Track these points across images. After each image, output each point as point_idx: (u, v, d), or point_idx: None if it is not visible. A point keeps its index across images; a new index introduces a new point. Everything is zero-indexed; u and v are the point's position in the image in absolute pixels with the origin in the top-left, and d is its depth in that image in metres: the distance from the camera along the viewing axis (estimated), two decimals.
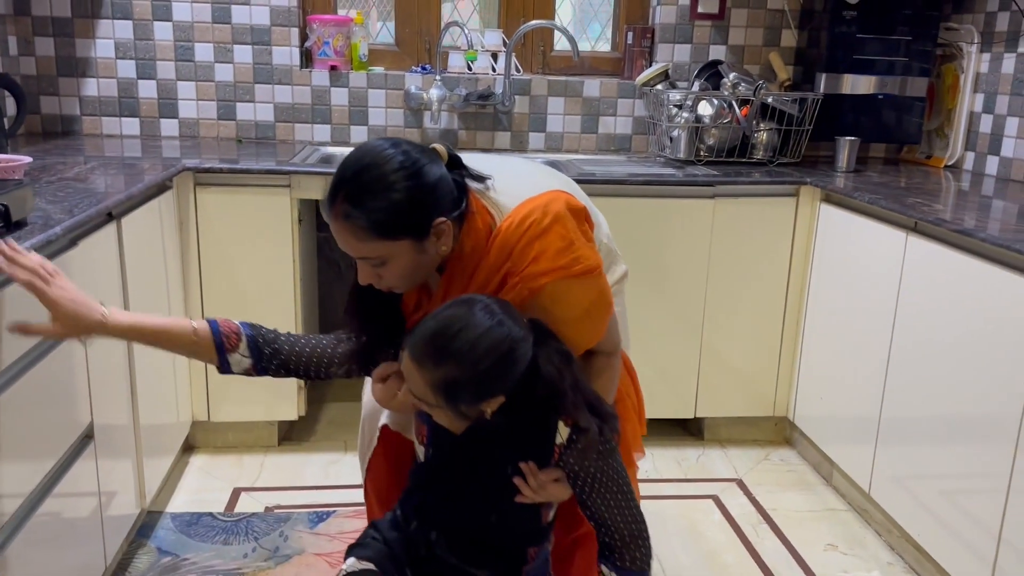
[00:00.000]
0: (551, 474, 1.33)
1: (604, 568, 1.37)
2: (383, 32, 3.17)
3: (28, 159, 1.81)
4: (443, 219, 1.28)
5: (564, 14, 3.24)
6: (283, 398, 2.61)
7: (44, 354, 1.53)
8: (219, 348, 1.39)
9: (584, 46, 3.24)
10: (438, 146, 1.33)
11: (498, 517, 1.36)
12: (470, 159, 1.40)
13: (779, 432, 2.88)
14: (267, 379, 1.50)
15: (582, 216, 1.36)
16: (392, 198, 1.23)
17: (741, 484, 2.59)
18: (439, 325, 1.22)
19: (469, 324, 1.21)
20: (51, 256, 1.53)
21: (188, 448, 2.66)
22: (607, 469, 1.33)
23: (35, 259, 1.31)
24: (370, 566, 1.35)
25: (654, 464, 2.70)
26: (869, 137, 2.99)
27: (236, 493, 2.43)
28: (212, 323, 1.40)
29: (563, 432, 1.32)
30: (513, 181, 1.40)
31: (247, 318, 2.33)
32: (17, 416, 1.41)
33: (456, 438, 1.33)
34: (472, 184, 1.35)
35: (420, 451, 1.42)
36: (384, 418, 1.60)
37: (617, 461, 1.35)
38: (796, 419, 2.74)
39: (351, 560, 1.38)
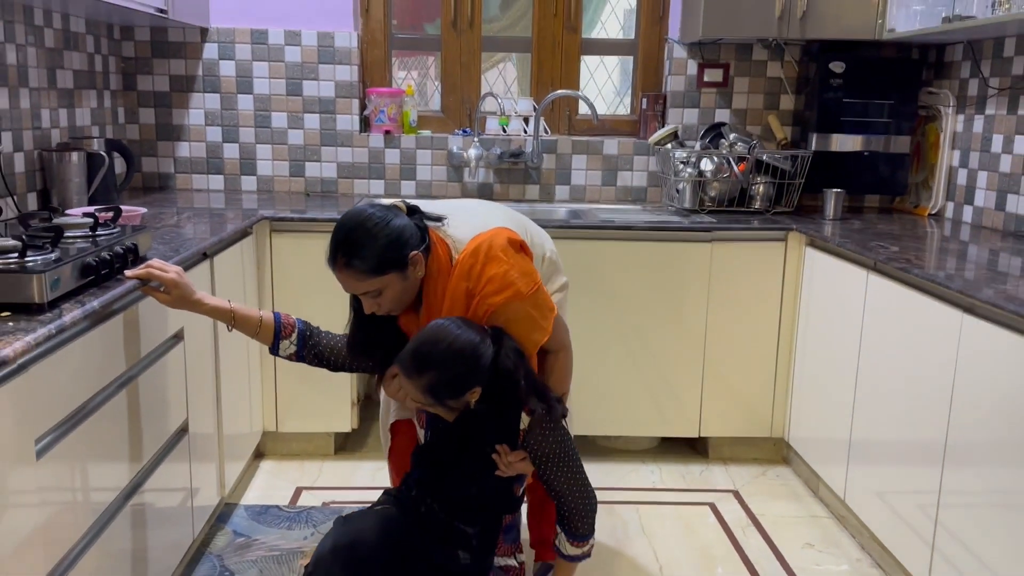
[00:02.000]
0: (518, 455, 1.77)
1: (559, 529, 1.84)
2: (434, 99, 3.66)
3: (143, 210, 2.31)
4: (415, 252, 1.75)
5: (600, 77, 3.69)
6: (339, 413, 3.04)
7: (153, 361, 1.98)
8: (276, 334, 1.87)
9: (620, 111, 3.68)
10: (397, 202, 1.82)
11: (478, 489, 1.79)
12: (434, 204, 1.92)
13: (777, 451, 3.20)
14: (326, 396, 2.02)
15: (518, 246, 1.82)
16: (376, 247, 1.70)
17: (737, 495, 2.93)
18: (417, 344, 1.69)
19: (439, 338, 1.67)
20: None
21: (258, 455, 3.11)
22: (559, 450, 1.77)
23: (157, 263, 1.80)
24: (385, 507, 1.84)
25: (660, 476, 3.05)
26: (857, 189, 3.34)
27: (298, 491, 2.86)
28: (276, 315, 1.90)
29: (525, 420, 1.77)
30: (464, 219, 1.87)
31: None
32: (131, 412, 1.87)
33: (448, 424, 1.78)
34: (430, 224, 1.82)
35: (421, 434, 1.87)
36: (393, 415, 2.07)
37: (568, 443, 1.78)
38: (791, 440, 3.07)
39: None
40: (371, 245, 1.70)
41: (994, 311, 1.89)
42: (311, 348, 1.90)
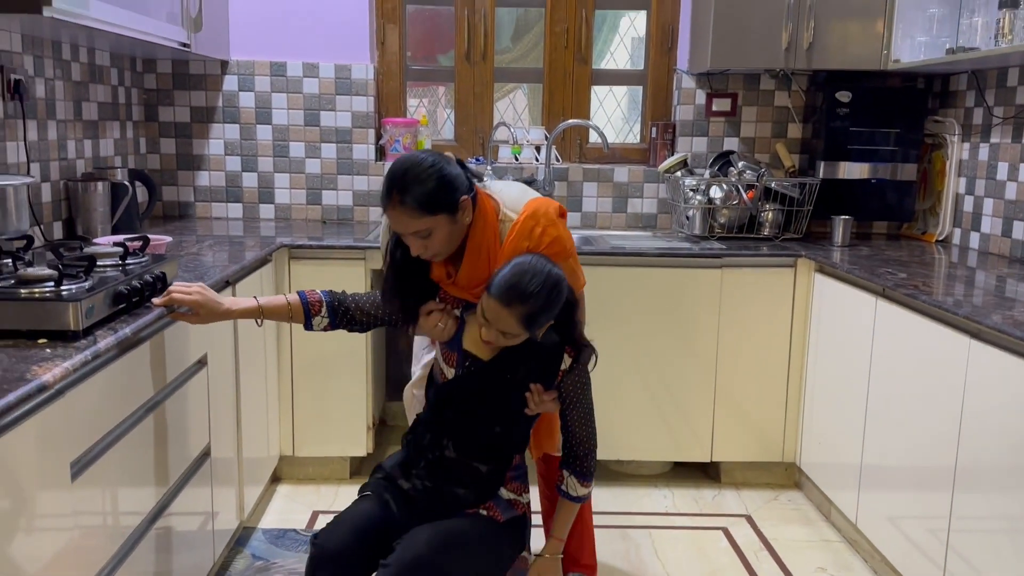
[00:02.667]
0: (551, 394, 1.88)
1: (565, 472, 1.93)
2: (446, 127, 3.73)
3: (169, 239, 2.37)
4: (465, 196, 1.82)
5: (609, 105, 3.76)
6: (355, 437, 3.08)
7: (178, 387, 2.03)
8: (307, 313, 1.93)
9: (630, 139, 3.75)
10: (449, 154, 1.91)
11: (502, 427, 1.88)
12: None
13: (789, 476, 3.23)
14: (342, 420, 2.07)
15: (564, 213, 1.98)
16: (429, 187, 1.78)
17: (750, 519, 2.95)
18: (515, 275, 1.73)
19: (535, 271, 1.74)
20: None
21: (275, 479, 3.15)
22: (585, 393, 1.90)
23: (178, 287, 1.85)
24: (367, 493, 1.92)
25: (673, 501, 3.07)
26: (865, 216, 3.39)
27: (315, 515, 2.90)
28: (301, 294, 1.95)
29: (566, 361, 1.87)
30: (501, 186, 2.03)
31: (326, 367, 2.91)
32: (157, 436, 1.92)
33: (483, 363, 1.86)
34: (475, 181, 1.94)
35: (449, 372, 1.92)
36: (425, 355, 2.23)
37: (590, 390, 1.91)
38: (802, 464, 3.09)
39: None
40: (425, 185, 1.77)
41: (1001, 337, 1.93)
42: (342, 316, 1.96)
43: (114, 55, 3.17)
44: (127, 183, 2.88)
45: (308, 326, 1.96)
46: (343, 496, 3.04)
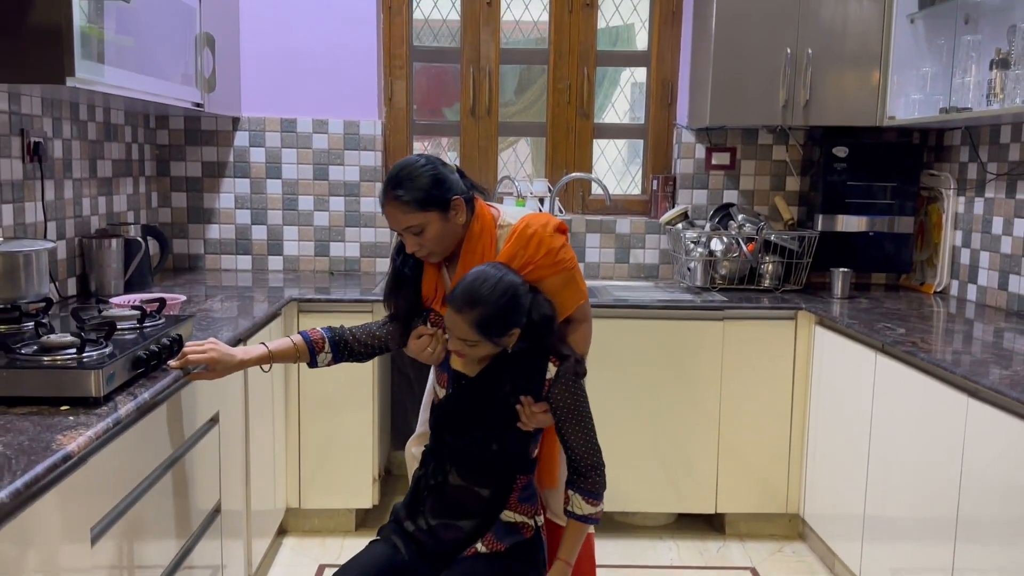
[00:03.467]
0: (541, 406, 1.85)
1: (570, 492, 1.89)
2: None
3: (183, 297, 2.42)
4: (457, 196, 1.89)
5: (610, 153, 3.85)
6: (360, 489, 3.11)
7: (192, 445, 2.07)
8: (311, 351, 1.98)
9: (631, 187, 3.82)
10: (448, 161, 1.99)
11: (498, 445, 1.86)
12: None
13: (793, 528, 3.24)
14: (348, 472, 2.13)
15: (564, 228, 2.01)
16: (421, 183, 1.86)
17: (754, 572, 2.96)
18: (468, 282, 1.79)
19: (487, 277, 1.78)
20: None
21: (281, 531, 3.16)
22: (578, 404, 1.85)
23: (191, 346, 1.88)
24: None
25: (678, 553, 3.09)
26: (864, 267, 3.45)
27: (321, 568, 2.91)
28: (304, 334, 2.00)
29: (551, 370, 1.85)
30: (505, 206, 2.10)
31: (333, 418, 2.94)
32: (172, 495, 1.95)
33: (470, 380, 1.87)
34: (476, 193, 2.01)
35: (442, 394, 1.95)
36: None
37: (586, 400, 1.87)
38: (806, 516, 3.11)
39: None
40: (417, 181, 1.87)
41: (998, 397, 1.97)
42: (342, 349, 2.02)
43: (128, 113, 3.25)
44: (140, 239, 2.94)
45: (313, 363, 2.01)
46: (348, 549, 3.05)
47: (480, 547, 1.87)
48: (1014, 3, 2.78)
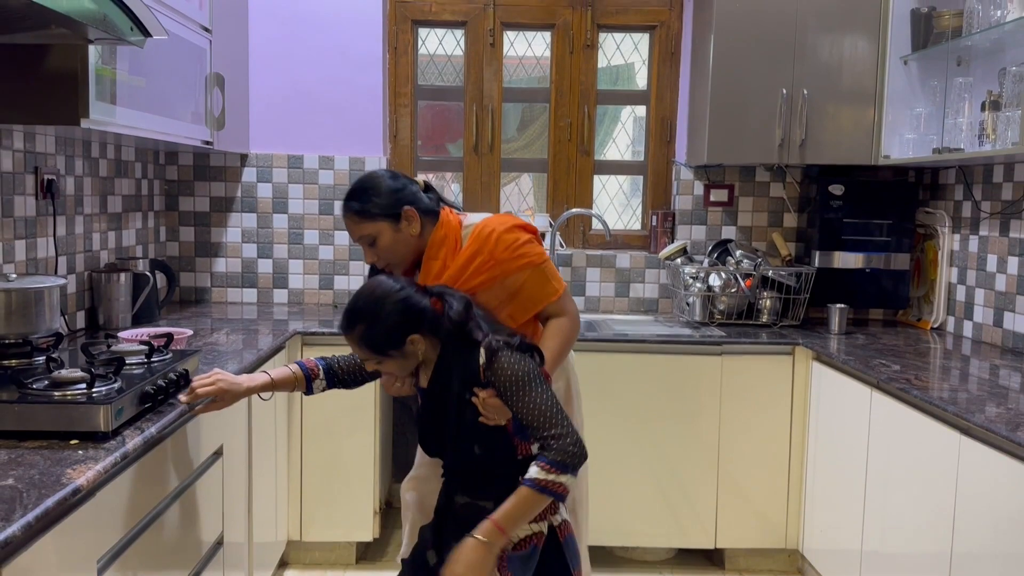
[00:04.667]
0: (487, 392, 1.76)
1: (532, 466, 1.69)
2: None
3: (189, 332, 2.47)
4: (409, 207, 1.97)
5: (611, 187, 3.91)
6: (361, 522, 3.13)
7: (196, 479, 2.10)
8: (307, 379, 2.02)
9: (632, 221, 3.88)
10: (419, 178, 2.05)
11: (480, 448, 1.81)
12: None
13: (792, 563, 3.25)
14: (349, 505, 2.25)
15: (528, 227, 2.07)
16: (372, 195, 1.98)
17: None
18: (348, 305, 1.79)
19: (362, 292, 1.79)
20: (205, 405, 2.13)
21: (282, 564, 3.18)
22: (519, 377, 1.72)
23: (199, 380, 1.92)
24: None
25: None
26: (861, 303, 3.49)
27: None
28: (300, 364, 2.03)
29: (482, 355, 1.76)
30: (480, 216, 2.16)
31: (335, 450, 2.97)
32: (176, 528, 1.98)
33: (426, 392, 1.85)
34: (448, 205, 2.10)
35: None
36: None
37: (529, 374, 1.73)
38: (805, 551, 3.12)
39: None
40: (368, 194, 1.99)
41: (989, 435, 2.00)
42: (336, 376, 2.06)
43: (139, 150, 3.33)
44: (148, 273, 3.00)
45: (309, 391, 2.05)
46: None
47: None
48: (1005, 46, 2.85)
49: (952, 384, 2.52)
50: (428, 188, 2.09)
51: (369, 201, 1.98)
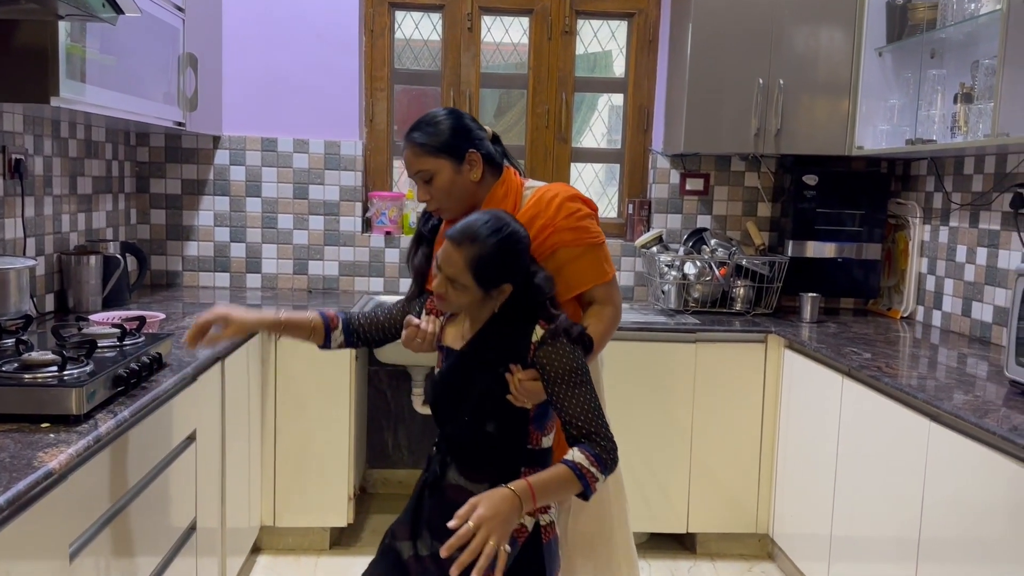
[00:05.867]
0: (529, 373, 1.69)
1: (575, 450, 1.63)
2: None
3: (162, 315, 2.44)
4: (474, 151, 1.88)
5: (587, 176, 3.91)
6: (335, 507, 3.12)
7: (169, 463, 2.08)
8: (326, 331, 1.90)
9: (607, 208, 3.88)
10: (487, 128, 1.97)
11: (495, 426, 1.72)
12: None
13: (762, 547, 3.29)
14: (323, 490, 2.20)
15: (592, 205, 1.98)
16: (439, 130, 1.87)
17: None
18: (472, 219, 1.71)
19: (492, 218, 1.70)
20: (178, 388, 2.10)
21: (255, 550, 3.16)
22: (573, 369, 1.67)
23: (205, 318, 1.82)
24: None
25: (650, 573, 3.13)
26: (832, 292, 3.53)
27: None
28: (321, 313, 1.91)
29: (538, 333, 1.70)
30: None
31: (309, 435, 2.95)
32: (149, 513, 1.96)
33: (458, 353, 1.77)
34: (510, 163, 1.98)
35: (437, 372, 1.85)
36: None
37: (583, 369, 1.69)
38: (775, 536, 3.17)
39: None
40: (435, 128, 1.88)
41: (957, 421, 2.04)
42: (355, 332, 1.94)
43: (110, 131, 3.27)
44: (119, 256, 2.95)
45: (326, 343, 1.92)
46: (323, 568, 3.07)
47: None
48: (978, 39, 2.88)
49: (921, 372, 2.56)
50: (496, 140, 1.99)
51: (435, 135, 1.88)
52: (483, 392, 1.73)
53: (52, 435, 1.54)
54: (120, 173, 3.41)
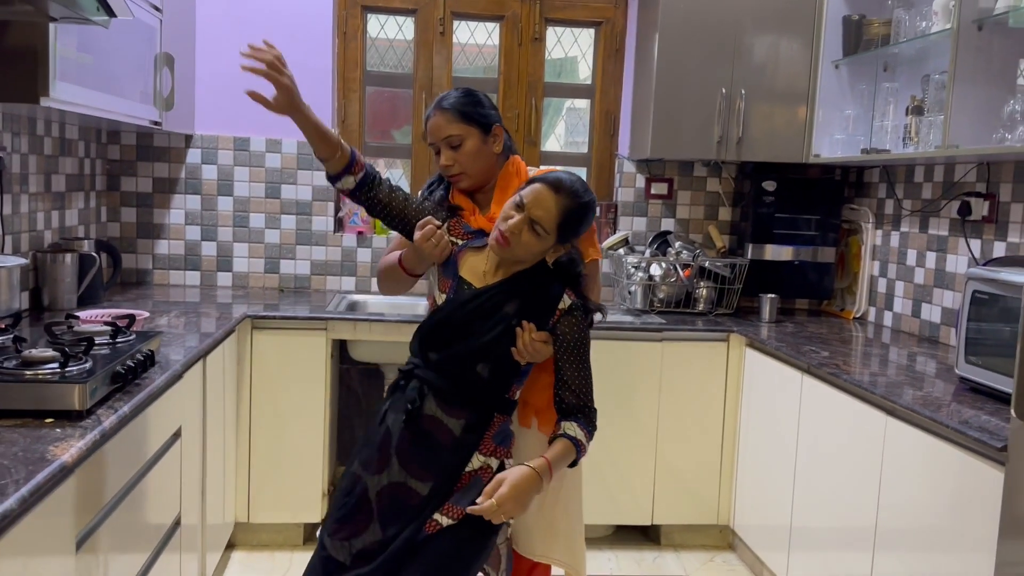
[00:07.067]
0: (542, 335, 1.81)
1: (564, 422, 1.83)
2: None
3: (146, 313, 2.47)
4: (499, 126, 2.06)
5: None
6: (309, 503, 3.16)
7: (157, 459, 2.11)
8: (348, 166, 1.85)
9: None
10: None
11: (486, 368, 1.80)
12: None
13: (724, 538, 3.43)
14: (297, 486, 2.60)
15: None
16: (473, 100, 2.04)
17: None
18: (562, 175, 1.81)
19: (580, 180, 1.82)
20: (165, 386, 2.13)
21: (230, 546, 3.19)
22: (584, 344, 1.85)
23: (274, 53, 1.88)
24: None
25: (617, 563, 3.24)
26: (789, 293, 3.69)
27: None
28: (353, 150, 1.88)
29: (566, 301, 1.82)
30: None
31: (286, 430, 2.99)
32: (142, 507, 2.00)
33: (475, 290, 1.82)
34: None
35: (440, 299, 1.89)
36: None
37: (589, 347, 1.86)
38: (736, 527, 3.30)
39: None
40: (472, 98, 2.05)
41: (913, 415, 2.18)
42: (366, 192, 1.90)
43: (82, 128, 3.26)
44: (94, 254, 2.96)
45: (335, 179, 1.87)
46: (298, 563, 3.11)
47: (443, 520, 1.78)
48: (928, 55, 3.05)
49: (875, 370, 2.71)
50: (506, 132, 2.18)
51: (471, 105, 2.03)
52: (491, 336, 1.80)
53: (58, 430, 1.58)
54: (92, 171, 3.40)
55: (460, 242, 1.92)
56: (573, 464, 1.87)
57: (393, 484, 1.80)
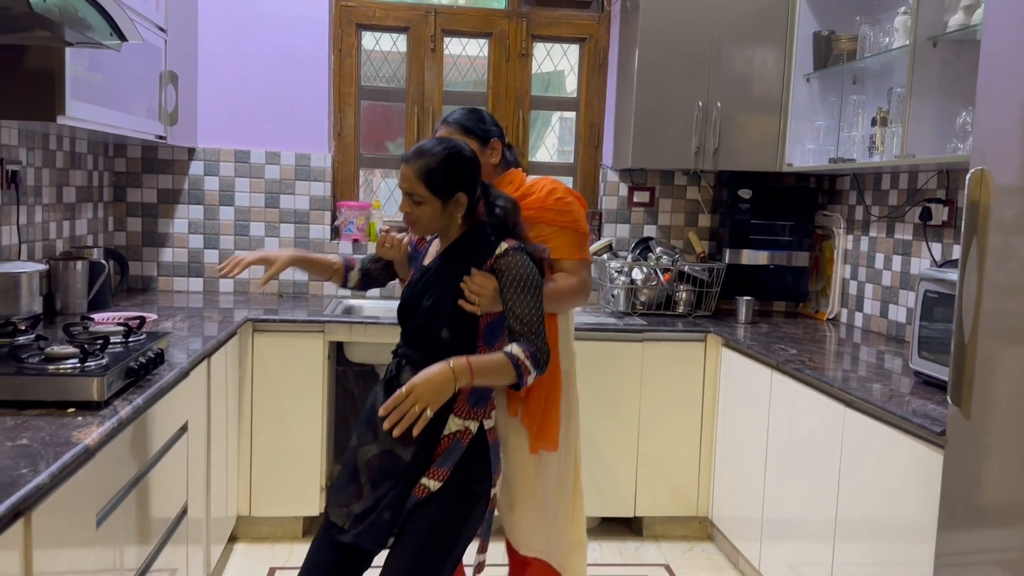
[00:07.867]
0: (488, 277, 1.93)
1: (514, 344, 1.91)
2: (388, 202, 4.09)
3: (155, 316, 2.63)
4: (497, 140, 2.28)
5: None
6: (308, 497, 3.32)
7: (166, 451, 2.27)
8: (346, 269, 2.34)
9: None
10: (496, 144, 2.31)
11: (448, 332, 1.94)
12: None
13: (702, 529, 3.59)
14: (297, 480, 2.82)
15: (582, 201, 2.37)
16: (477, 116, 2.31)
17: (668, 568, 3.29)
18: (421, 142, 1.98)
19: (439, 139, 1.99)
20: (173, 383, 2.29)
21: (231, 539, 3.35)
22: (528, 277, 1.92)
23: (249, 259, 2.29)
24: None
25: (601, 553, 3.40)
26: (765, 296, 3.86)
27: (272, 571, 3.12)
28: (344, 258, 2.36)
29: (503, 247, 1.96)
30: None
31: (285, 427, 3.15)
32: (150, 497, 2.16)
33: (429, 268, 2.02)
34: (520, 166, 2.39)
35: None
36: None
37: (537, 280, 1.95)
38: (714, 518, 3.47)
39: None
40: (475, 115, 2.27)
41: (868, 406, 2.35)
42: (368, 274, 2.34)
43: (91, 143, 3.44)
44: (103, 261, 3.12)
45: (345, 284, 2.35)
46: (297, 553, 3.27)
47: (430, 484, 1.91)
48: (892, 69, 3.23)
49: (843, 367, 2.88)
50: (510, 147, 2.36)
51: (472, 120, 2.24)
52: (440, 298, 1.95)
53: (79, 418, 1.74)
54: (100, 183, 3.57)
55: (419, 239, 2.18)
56: (517, 387, 1.93)
57: (382, 452, 1.97)
